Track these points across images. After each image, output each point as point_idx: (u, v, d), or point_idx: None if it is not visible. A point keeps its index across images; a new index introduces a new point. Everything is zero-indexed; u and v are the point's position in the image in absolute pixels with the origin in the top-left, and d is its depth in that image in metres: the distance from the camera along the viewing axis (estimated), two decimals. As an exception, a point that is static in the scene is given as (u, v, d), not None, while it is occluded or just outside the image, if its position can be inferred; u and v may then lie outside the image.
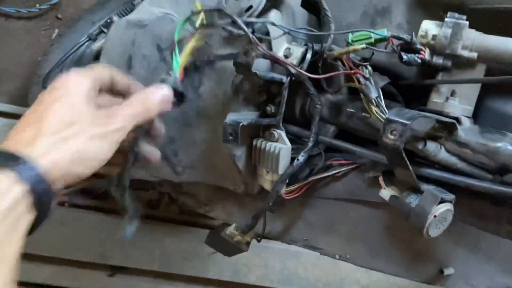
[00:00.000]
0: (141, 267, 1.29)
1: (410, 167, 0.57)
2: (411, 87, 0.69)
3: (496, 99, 0.64)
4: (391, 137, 0.54)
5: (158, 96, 0.51)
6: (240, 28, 0.61)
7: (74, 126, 0.44)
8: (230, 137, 0.63)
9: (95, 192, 1.28)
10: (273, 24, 0.63)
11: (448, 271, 0.68)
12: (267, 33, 0.64)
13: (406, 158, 0.56)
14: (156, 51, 0.72)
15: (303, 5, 0.73)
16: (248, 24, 0.62)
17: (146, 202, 1.30)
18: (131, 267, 1.29)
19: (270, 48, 0.66)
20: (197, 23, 0.63)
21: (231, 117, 0.64)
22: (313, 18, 0.76)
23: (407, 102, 0.71)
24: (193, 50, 0.61)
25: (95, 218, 1.26)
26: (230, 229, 0.78)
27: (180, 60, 0.58)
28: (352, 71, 0.63)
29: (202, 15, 0.62)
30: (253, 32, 0.62)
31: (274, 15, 0.67)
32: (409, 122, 0.53)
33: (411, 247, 0.70)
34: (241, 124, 0.62)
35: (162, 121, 0.57)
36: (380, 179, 0.66)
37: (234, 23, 0.62)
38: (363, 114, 0.67)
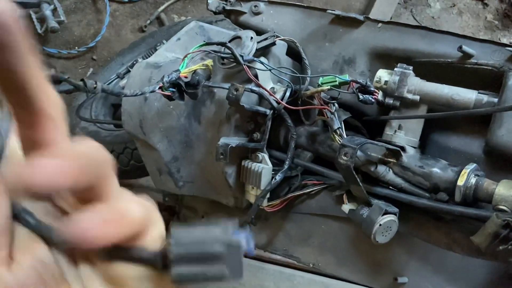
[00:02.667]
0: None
1: (361, 183, 0.70)
2: (373, 122, 0.84)
3: (439, 134, 0.78)
4: (344, 158, 0.69)
5: None
6: (235, 56, 0.78)
7: None
8: (221, 156, 0.78)
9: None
10: (261, 62, 0.80)
11: (402, 279, 0.79)
12: (256, 75, 0.81)
13: (356, 175, 0.69)
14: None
15: (288, 53, 0.89)
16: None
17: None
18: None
19: (258, 86, 0.82)
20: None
21: (223, 140, 0.80)
22: (297, 65, 0.92)
23: (372, 135, 0.85)
24: (195, 69, 0.78)
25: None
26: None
27: (185, 68, 0.75)
28: (322, 106, 0.79)
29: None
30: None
31: (262, 59, 0.83)
32: (357, 147, 0.68)
33: (371, 257, 0.82)
34: (230, 146, 0.77)
35: None
36: (344, 196, 0.80)
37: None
38: (332, 142, 0.82)
